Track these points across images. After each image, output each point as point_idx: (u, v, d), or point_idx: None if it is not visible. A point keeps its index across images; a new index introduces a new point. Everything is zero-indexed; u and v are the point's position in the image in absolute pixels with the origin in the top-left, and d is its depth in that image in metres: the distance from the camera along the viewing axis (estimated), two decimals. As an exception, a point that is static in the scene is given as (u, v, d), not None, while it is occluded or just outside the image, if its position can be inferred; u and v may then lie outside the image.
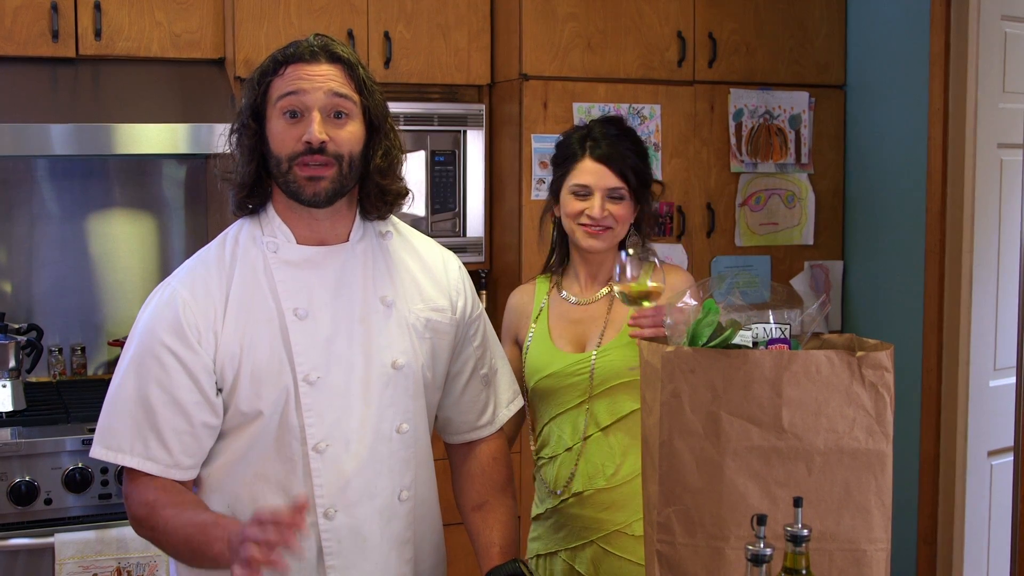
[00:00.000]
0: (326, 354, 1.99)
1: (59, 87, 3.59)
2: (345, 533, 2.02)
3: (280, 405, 1.98)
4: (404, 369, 2.05)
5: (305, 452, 1.98)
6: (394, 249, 2.13)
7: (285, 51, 1.98)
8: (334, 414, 1.99)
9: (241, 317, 1.98)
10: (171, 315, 1.97)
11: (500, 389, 2.28)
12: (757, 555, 1.65)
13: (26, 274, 3.86)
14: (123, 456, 1.97)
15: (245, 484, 2.01)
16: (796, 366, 1.84)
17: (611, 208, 2.45)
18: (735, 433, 1.84)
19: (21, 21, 3.50)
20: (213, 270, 2.03)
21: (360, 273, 2.06)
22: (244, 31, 3.65)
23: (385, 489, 2.05)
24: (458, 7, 3.88)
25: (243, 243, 2.04)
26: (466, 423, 2.25)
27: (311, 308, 2.00)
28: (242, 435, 2.00)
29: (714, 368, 1.85)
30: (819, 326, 2.02)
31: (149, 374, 1.97)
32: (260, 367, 1.97)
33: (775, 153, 4.11)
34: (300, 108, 1.95)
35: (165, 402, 1.96)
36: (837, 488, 1.85)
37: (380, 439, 2.03)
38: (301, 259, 2.02)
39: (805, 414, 1.84)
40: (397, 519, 2.07)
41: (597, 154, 2.45)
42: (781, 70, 4.12)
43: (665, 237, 3.95)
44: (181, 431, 1.97)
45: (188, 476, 2.01)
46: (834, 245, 4.23)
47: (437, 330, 2.12)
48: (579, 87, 3.84)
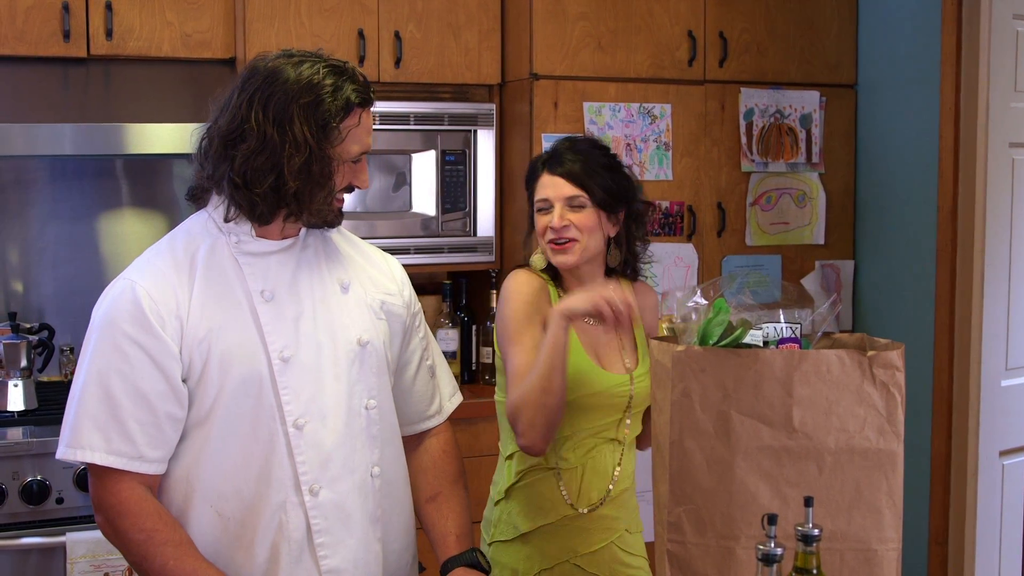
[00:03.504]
0: (295, 333, 2.03)
1: (70, 87, 3.60)
2: (331, 509, 2.04)
3: (254, 386, 1.99)
4: (368, 346, 2.11)
5: (285, 431, 2.00)
6: (339, 243, 2.21)
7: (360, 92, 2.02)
8: (309, 391, 2.03)
9: (208, 302, 2.00)
10: (132, 305, 1.96)
11: (443, 382, 2.35)
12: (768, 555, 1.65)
13: (37, 274, 3.87)
14: (85, 452, 1.95)
15: (227, 478, 2.00)
16: (807, 365, 1.84)
17: (571, 217, 2.44)
18: (746, 433, 1.84)
19: (33, 21, 3.51)
20: (170, 261, 2.03)
21: (315, 261, 2.12)
22: (254, 31, 3.65)
23: (361, 465, 2.09)
24: (468, 7, 3.88)
25: (199, 235, 2.06)
26: (416, 413, 2.30)
27: (276, 291, 2.04)
28: (218, 424, 1.99)
29: (725, 367, 1.85)
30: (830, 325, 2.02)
31: (110, 366, 1.95)
32: (230, 349, 1.98)
33: (786, 152, 4.10)
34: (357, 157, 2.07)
35: (128, 393, 1.94)
36: (848, 488, 1.85)
37: (352, 415, 2.08)
38: (260, 248, 2.06)
39: (816, 413, 1.84)
40: (369, 496, 2.11)
41: (553, 168, 2.49)
42: (792, 69, 4.11)
43: (675, 237, 3.95)
44: (145, 422, 1.95)
45: (154, 470, 1.98)
46: (845, 244, 4.22)
47: (392, 312, 2.19)
48: (590, 87, 3.84)
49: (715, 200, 4.01)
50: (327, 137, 1.99)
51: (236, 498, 2.00)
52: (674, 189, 3.94)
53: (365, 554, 2.09)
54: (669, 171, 3.92)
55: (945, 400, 3.84)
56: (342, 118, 1.99)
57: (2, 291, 3.83)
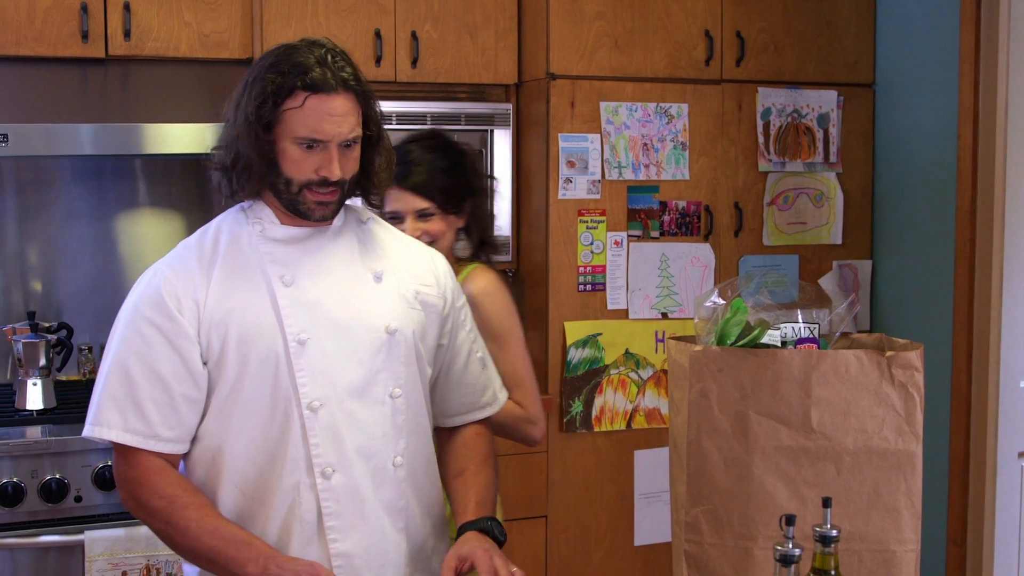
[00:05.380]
0: (314, 317, 2.05)
1: (89, 87, 3.62)
2: (343, 493, 2.05)
3: (271, 368, 2.02)
4: (397, 335, 2.10)
5: (300, 413, 2.02)
6: (378, 233, 2.21)
7: (304, 75, 1.99)
8: (326, 374, 2.04)
9: (226, 286, 2.04)
10: (152, 290, 2.04)
11: (493, 375, 2.36)
12: (786, 555, 1.65)
13: (56, 273, 3.88)
14: (104, 430, 2.02)
15: (248, 457, 2.04)
16: (825, 366, 1.84)
17: (422, 227, 2.59)
18: (763, 433, 1.84)
19: (51, 22, 3.52)
20: (194, 251, 2.09)
21: (346, 250, 2.13)
22: (272, 31, 3.66)
23: (379, 452, 2.09)
24: (485, 6, 3.88)
25: (227, 229, 2.11)
26: (467, 403, 2.30)
27: (297, 277, 2.06)
28: (238, 404, 2.04)
29: (742, 367, 1.85)
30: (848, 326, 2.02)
31: (130, 348, 2.02)
32: (248, 331, 2.02)
33: (803, 152, 4.09)
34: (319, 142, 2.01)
35: (145, 374, 2.01)
36: (866, 488, 1.84)
37: (373, 402, 2.08)
38: (287, 236, 2.09)
39: (834, 414, 1.84)
40: (390, 485, 2.10)
41: (400, 181, 2.56)
42: (809, 69, 4.10)
43: (692, 237, 3.94)
44: (160, 403, 2.01)
45: (170, 449, 2.04)
46: (863, 244, 4.21)
47: (427, 303, 2.18)
48: (606, 86, 3.84)
49: (732, 200, 4.00)
50: (262, 117, 2.00)
51: (255, 477, 2.04)
52: (691, 189, 3.94)
53: (380, 542, 2.09)
54: (686, 171, 3.92)
55: (963, 401, 3.82)
56: (281, 99, 1.99)
57: (21, 290, 3.85)
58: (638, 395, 3.88)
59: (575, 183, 3.79)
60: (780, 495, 1.84)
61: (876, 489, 1.84)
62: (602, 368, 3.83)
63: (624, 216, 3.86)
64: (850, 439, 1.84)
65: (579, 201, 3.81)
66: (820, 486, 1.83)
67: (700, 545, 1.87)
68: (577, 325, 3.81)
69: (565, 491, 3.84)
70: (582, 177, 3.80)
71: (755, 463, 1.84)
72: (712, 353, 1.86)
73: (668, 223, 3.90)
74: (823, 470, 1.84)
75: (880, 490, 1.84)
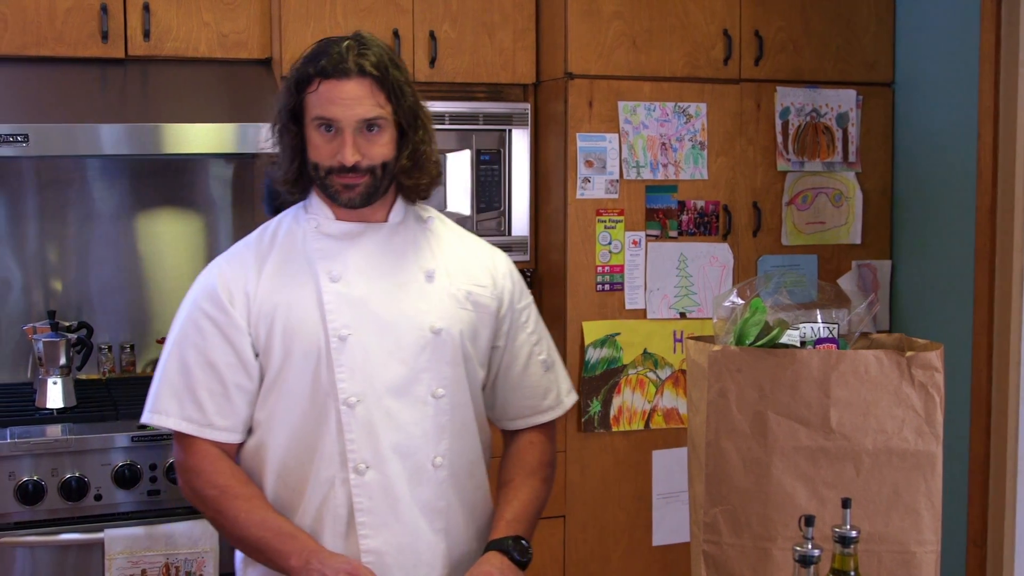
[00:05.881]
0: (358, 314, 2.07)
1: (108, 87, 3.63)
2: (376, 490, 2.07)
3: (312, 362, 2.06)
4: (442, 334, 2.11)
5: (337, 408, 2.05)
6: (437, 231, 2.23)
7: (318, 63, 2.06)
8: (365, 371, 2.06)
9: (276, 280, 2.10)
10: (208, 284, 2.13)
11: (561, 378, 2.33)
12: (805, 556, 1.65)
13: (76, 272, 3.90)
14: (161, 417, 2.10)
15: (289, 449, 2.09)
16: (844, 366, 1.83)
17: None
18: (782, 433, 1.84)
19: (72, 22, 3.54)
20: (252, 247, 2.18)
21: (400, 247, 2.15)
22: (290, 31, 3.67)
23: (418, 451, 2.09)
24: (503, 6, 3.88)
25: (285, 225, 2.18)
26: (528, 407, 2.28)
27: (345, 273, 2.09)
28: (282, 396, 2.09)
29: (761, 367, 1.84)
30: (867, 326, 2.01)
31: (187, 340, 2.11)
32: (293, 325, 2.07)
33: (822, 152, 4.08)
34: (334, 125, 2.05)
35: (200, 364, 2.09)
36: (886, 489, 1.83)
37: (414, 401, 2.09)
38: (340, 232, 2.13)
39: (854, 414, 1.83)
40: (428, 485, 2.10)
41: None
42: (828, 68, 4.08)
43: (711, 236, 3.93)
44: (215, 392, 2.08)
45: (224, 438, 2.10)
46: (882, 244, 4.19)
47: (479, 303, 2.18)
48: (624, 86, 3.83)
49: (751, 200, 3.99)
50: (288, 106, 2.09)
51: (296, 468, 2.09)
52: (709, 189, 3.93)
53: (413, 541, 2.09)
54: (704, 170, 3.91)
55: (983, 401, 3.81)
56: (302, 87, 2.07)
57: (41, 290, 3.87)
58: (656, 395, 3.87)
59: (593, 183, 3.79)
60: (799, 496, 1.83)
61: (896, 490, 1.83)
62: (620, 368, 3.83)
63: (642, 216, 3.86)
64: (870, 440, 1.83)
65: (597, 201, 3.81)
66: (839, 487, 1.83)
67: (719, 545, 1.87)
68: (595, 325, 3.80)
69: (583, 491, 3.84)
70: (600, 177, 3.79)
71: (774, 463, 1.84)
72: (731, 353, 1.86)
73: (686, 223, 3.89)
74: (842, 471, 1.84)
75: (900, 491, 1.83)
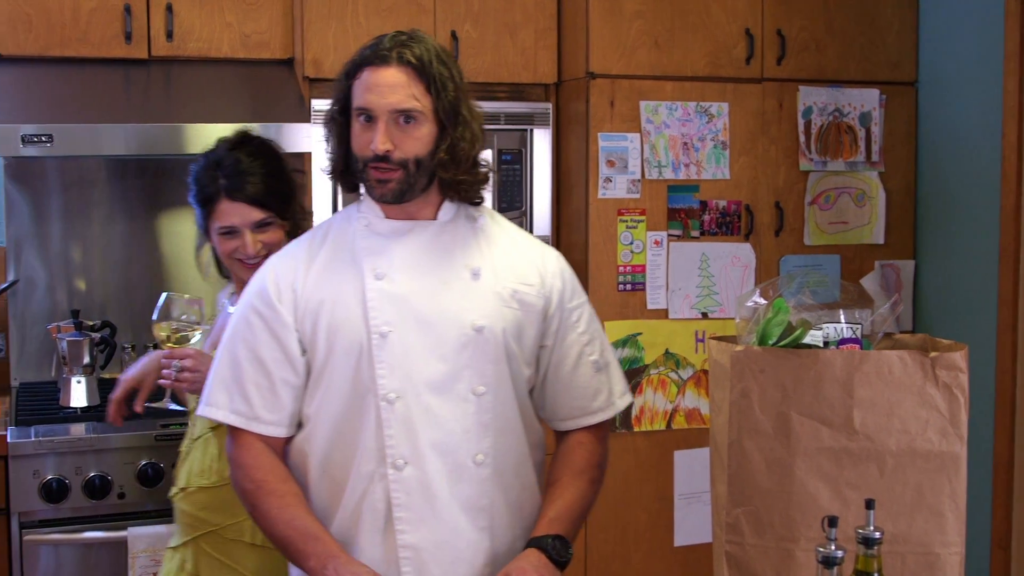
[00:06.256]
0: (400, 311, 2.09)
1: (132, 88, 3.65)
2: (414, 486, 2.08)
3: (353, 358, 2.09)
4: (484, 332, 2.11)
5: (377, 404, 2.07)
6: (487, 229, 2.22)
7: (363, 52, 2.10)
8: (405, 367, 2.08)
9: (324, 277, 2.14)
10: (261, 281, 2.18)
11: (614, 379, 2.30)
12: (828, 557, 1.64)
13: (100, 272, 3.92)
14: (212, 410, 2.16)
15: (331, 443, 2.12)
16: (868, 366, 1.82)
17: (262, 239, 2.50)
18: (805, 433, 1.83)
19: (95, 23, 3.56)
20: (305, 244, 2.21)
21: (448, 245, 2.16)
22: (312, 31, 3.68)
23: (458, 448, 2.10)
24: (525, 6, 3.88)
25: (338, 222, 2.22)
26: (578, 407, 2.26)
27: (390, 270, 2.11)
28: (326, 391, 2.12)
29: (784, 367, 1.84)
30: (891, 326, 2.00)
31: (239, 335, 2.17)
32: (337, 321, 2.10)
33: (845, 151, 4.06)
34: (371, 114, 2.07)
35: (249, 359, 2.14)
36: (910, 490, 1.83)
37: (455, 398, 2.10)
38: (388, 230, 2.15)
39: (877, 415, 1.82)
40: (470, 482, 2.11)
41: (235, 195, 2.47)
42: (851, 67, 4.07)
43: (733, 236, 3.92)
44: (262, 386, 2.13)
45: (270, 431, 2.14)
46: (905, 244, 4.17)
47: (524, 302, 2.17)
48: (646, 85, 3.82)
49: (773, 199, 3.98)
50: (339, 94, 2.13)
51: (337, 464, 2.12)
52: (731, 188, 3.92)
53: (452, 538, 2.10)
54: (726, 170, 3.90)
55: (1008, 402, 3.78)
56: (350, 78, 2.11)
57: (65, 289, 3.89)
58: (678, 395, 3.86)
59: (615, 182, 3.79)
60: (822, 496, 1.83)
61: (920, 491, 1.82)
62: (642, 368, 3.82)
63: (664, 215, 3.85)
64: (893, 440, 1.83)
65: (619, 200, 3.80)
66: (863, 488, 1.82)
67: (741, 546, 1.86)
68: (617, 324, 3.80)
69: (604, 491, 3.80)
70: (622, 176, 3.79)
71: (797, 464, 1.83)
72: (753, 353, 1.85)
73: (708, 223, 3.88)
74: (866, 471, 1.83)
75: (924, 492, 1.82)
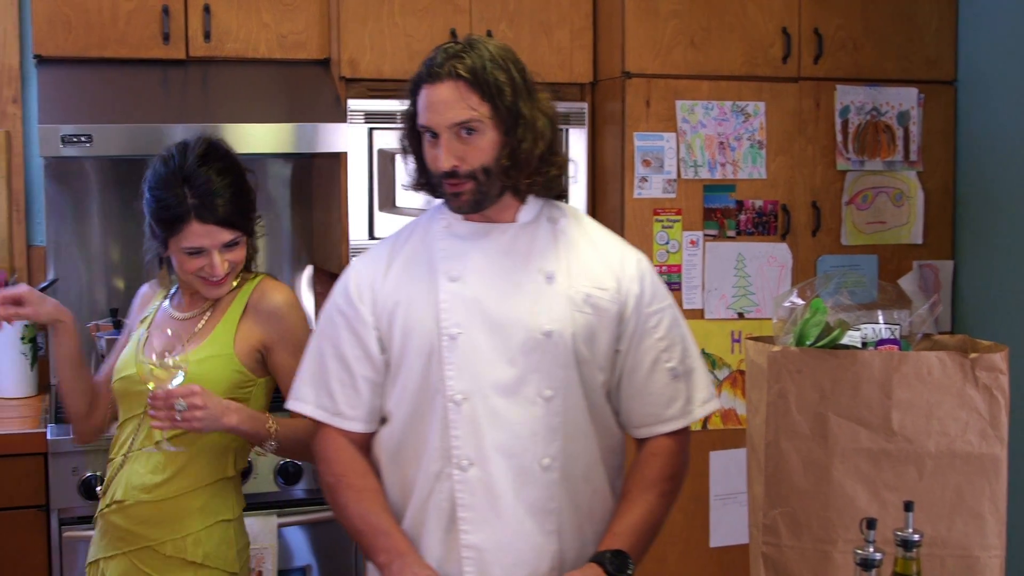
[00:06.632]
0: (470, 313, 2.11)
1: (170, 88, 3.67)
2: (478, 487, 2.10)
3: (424, 358, 2.12)
4: (553, 337, 2.11)
5: (444, 405, 2.10)
6: (563, 232, 2.22)
7: (420, 69, 2.13)
8: (472, 369, 2.10)
9: (402, 278, 2.18)
10: (344, 280, 2.25)
11: (696, 386, 2.25)
12: (867, 559, 1.63)
13: (138, 271, 3.94)
14: (299, 404, 2.25)
15: (404, 442, 2.17)
16: (907, 367, 1.81)
17: (229, 257, 2.47)
18: (843, 435, 1.82)
19: (134, 24, 3.58)
20: (389, 244, 2.27)
21: (524, 248, 2.17)
22: (348, 32, 3.69)
23: (524, 451, 2.11)
24: (560, 5, 3.87)
25: (422, 223, 2.26)
26: (651, 415, 2.23)
27: (464, 273, 2.14)
28: (400, 391, 2.16)
29: (822, 368, 1.83)
30: (929, 327, 1.98)
31: (323, 333, 2.24)
32: (411, 323, 2.14)
33: (883, 151, 4.04)
34: (434, 131, 2.10)
35: (332, 355, 2.21)
36: (949, 493, 1.81)
37: (522, 402, 2.11)
38: (467, 232, 2.17)
39: (916, 416, 1.81)
40: (536, 486, 2.11)
41: (205, 217, 2.42)
42: (889, 66, 4.04)
43: (769, 236, 3.90)
44: (344, 383, 2.19)
45: (352, 427, 2.21)
46: (944, 244, 4.14)
47: (597, 306, 2.16)
48: (682, 85, 3.81)
49: (810, 199, 3.95)
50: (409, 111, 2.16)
51: (408, 461, 2.16)
52: (768, 188, 3.90)
53: (514, 540, 2.11)
54: (763, 170, 3.88)
55: (1048, 404, 3.75)
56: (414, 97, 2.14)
57: (104, 288, 3.92)
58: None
59: (651, 182, 3.78)
60: (860, 498, 1.82)
61: (959, 493, 1.81)
62: (677, 368, 3.81)
63: (700, 215, 3.83)
64: (932, 442, 1.81)
65: (655, 200, 3.79)
66: (901, 489, 1.81)
67: (778, 548, 1.85)
68: (652, 325, 3.79)
69: (639, 491, 3.82)
70: (658, 176, 3.78)
71: (834, 465, 1.82)
72: (791, 354, 1.84)
73: (744, 222, 3.87)
74: (904, 473, 1.81)
75: (963, 494, 1.81)
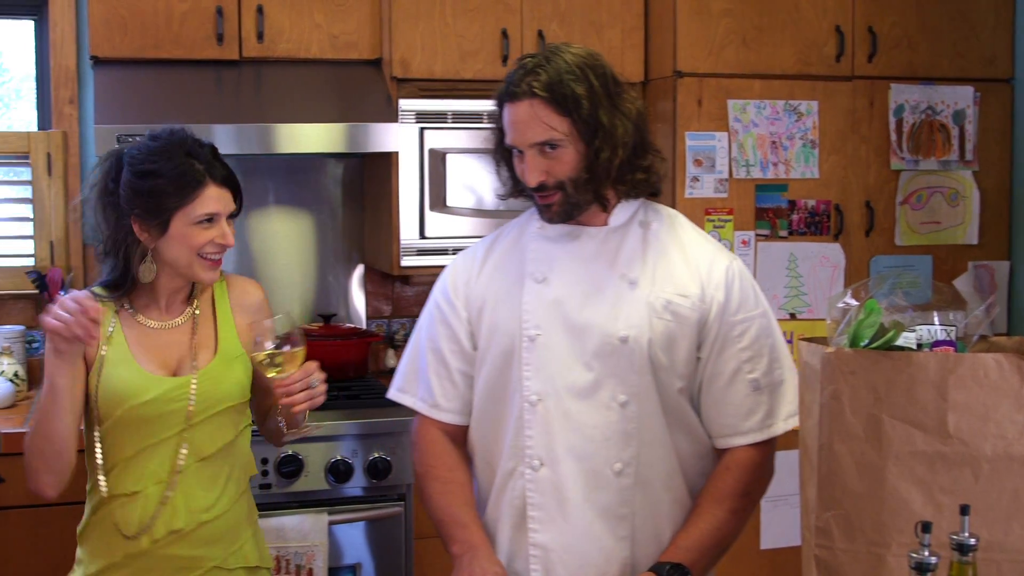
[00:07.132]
0: (551, 316, 2.14)
1: (223, 88, 3.70)
2: (548, 487, 2.13)
3: (505, 358, 2.17)
4: (630, 343, 2.11)
5: (521, 405, 2.13)
6: (654, 236, 2.21)
7: (501, 86, 2.16)
8: (548, 371, 2.12)
9: (494, 277, 2.23)
10: (444, 276, 2.32)
11: (781, 401, 2.21)
12: (922, 563, 1.61)
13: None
14: (401, 395, 2.33)
15: (482, 438, 2.24)
16: (963, 369, 1.78)
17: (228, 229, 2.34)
18: (898, 437, 1.80)
19: (188, 25, 3.62)
20: (487, 242, 2.32)
21: (612, 252, 2.18)
22: (400, 32, 3.70)
23: (596, 455, 2.12)
24: (612, 5, 3.87)
25: (519, 223, 2.31)
26: (728, 425, 2.19)
27: (550, 275, 2.16)
28: (484, 387, 2.23)
29: (876, 370, 1.81)
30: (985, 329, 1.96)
31: (423, 327, 2.32)
32: (496, 322, 2.18)
33: (937, 150, 3.99)
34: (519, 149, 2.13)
35: (430, 349, 2.28)
36: (1006, 497, 1.78)
37: (596, 406, 2.12)
38: (558, 234, 2.20)
39: (972, 419, 1.78)
40: (608, 490, 2.12)
41: (218, 179, 2.30)
42: (944, 64, 3.99)
43: (822, 236, 3.87)
44: (441, 375, 2.26)
45: (448, 419, 2.28)
46: (1000, 245, 4.08)
47: (677, 313, 2.14)
48: (734, 84, 3.79)
49: (863, 199, 3.92)
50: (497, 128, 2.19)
51: (490, 457, 2.22)
52: (820, 188, 3.87)
53: (580, 542, 2.12)
54: (816, 169, 3.85)
55: (1107, 407, 3.69)
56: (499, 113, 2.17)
57: (158, 286, 3.96)
58: (764, 397, 3.82)
59: (702, 182, 3.76)
60: (915, 501, 1.79)
61: (1017, 497, 1.78)
62: (728, 369, 3.79)
63: (752, 215, 3.81)
64: (989, 445, 1.79)
65: (706, 200, 3.77)
66: (957, 493, 1.78)
67: (831, 551, 1.84)
68: (703, 325, 3.77)
69: (689, 492, 3.81)
70: (709, 176, 3.76)
71: (889, 468, 1.80)
72: (845, 355, 1.82)
73: (797, 222, 3.84)
74: (960, 476, 1.79)
75: (1021, 498, 1.78)
